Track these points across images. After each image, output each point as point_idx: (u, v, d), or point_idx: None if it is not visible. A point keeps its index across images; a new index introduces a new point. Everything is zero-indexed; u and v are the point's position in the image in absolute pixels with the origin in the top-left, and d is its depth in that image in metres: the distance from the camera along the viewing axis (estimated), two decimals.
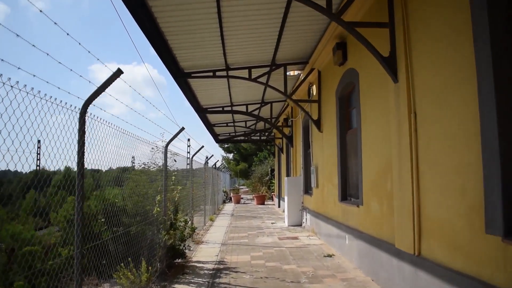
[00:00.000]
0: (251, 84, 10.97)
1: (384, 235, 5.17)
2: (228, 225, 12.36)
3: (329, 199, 8.17)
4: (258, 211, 17.28)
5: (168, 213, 6.07)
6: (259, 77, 8.84)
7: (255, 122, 16.75)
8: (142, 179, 6.34)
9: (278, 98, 13.23)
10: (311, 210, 10.13)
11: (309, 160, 10.85)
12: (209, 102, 12.62)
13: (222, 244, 8.64)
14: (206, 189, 15.34)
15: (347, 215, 6.85)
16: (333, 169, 7.90)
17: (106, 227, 5.84)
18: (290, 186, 11.59)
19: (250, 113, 12.73)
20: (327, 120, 8.50)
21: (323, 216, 8.67)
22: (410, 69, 4.39)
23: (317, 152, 9.42)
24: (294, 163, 12.89)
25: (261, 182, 24.28)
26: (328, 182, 8.35)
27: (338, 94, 7.49)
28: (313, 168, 9.69)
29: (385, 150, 5.15)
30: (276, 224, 12.20)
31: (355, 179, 6.87)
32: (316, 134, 9.41)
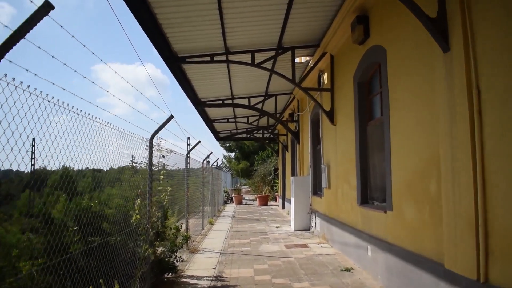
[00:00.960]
0: (254, 73, 9.88)
1: (425, 250, 4.05)
2: (228, 229, 11.25)
3: (345, 202, 7.06)
4: (261, 213, 16.17)
5: (153, 220, 4.97)
6: (263, 62, 7.72)
7: (258, 117, 15.62)
8: (127, 179, 5.26)
9: (283, 90, 12.12)
10: (321, 213, 9.01)
11: (319, 157, 9.72)
12: (208, 94, 11.51)
13: (221, 253, 7.53)
14: (205, 190, 14.25)
15: (369, 221, 5.73)
16: (349, 167, 6.79)
17: (80, 237, 4.77)
18: (297, 187, 10.48)
19: (253, 106, 11.61)
20: (341, 111, 7.38)
21: (336, 221, 7.56)
22: (470, 31, 3.27)
23: (329, 148, 8.30)
24: (301, 161, 11.78)
25: (264, 182, 23.16)
26: (343, 182, 7.23)
27: (357, 78, 6.37)
28: (324, 166, 8.57)
29: (427, 141, 4.03)
30: (281, 228, 11.09)
31: (379, 179, 5.75)
32: (328, 128, 8.29)
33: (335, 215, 7.72)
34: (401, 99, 4.70)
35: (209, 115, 14.49)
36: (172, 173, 9.68)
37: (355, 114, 6.47)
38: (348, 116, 6.91)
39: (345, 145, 7.09)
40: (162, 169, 5.72)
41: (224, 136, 20.71)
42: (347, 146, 6.94)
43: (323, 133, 8.85)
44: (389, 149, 5.02)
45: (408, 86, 4.50)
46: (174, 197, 9.30)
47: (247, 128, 18.80)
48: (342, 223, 7.18)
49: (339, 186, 7.47)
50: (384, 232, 5.15)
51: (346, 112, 7.02)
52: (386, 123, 5.13)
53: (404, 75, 4.60)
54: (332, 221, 7.88)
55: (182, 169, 11.81)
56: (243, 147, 37.71)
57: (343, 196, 7.21)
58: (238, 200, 22.47)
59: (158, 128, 5.01)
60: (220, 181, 20.31)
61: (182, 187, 12.96)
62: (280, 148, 18.83)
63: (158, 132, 5.00)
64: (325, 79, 8.47)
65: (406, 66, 4.55)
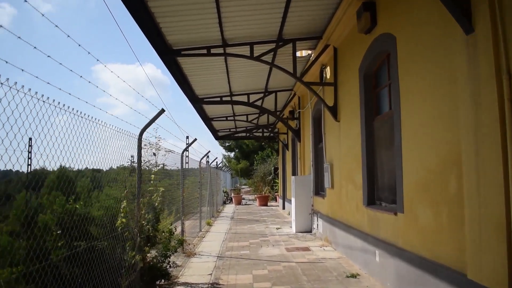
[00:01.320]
0: (253, 68, 9.47)
1: (443, 257, 3.63)
2: (227, 230, 10.84)
3: (350, 202, 6.64)
4: (261, 214, 15.76)
5: (142, 223, 4.55)
6: (263, 55, 7.30)
7: (258, 115, 15.20)
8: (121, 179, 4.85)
9: (284, 86, 11.70)
10: (323, 214, 8.60)
11: (321, 156, 9.31)
12: (205, 90, 11.09)
13: (218, 257, 7.11)
14: (203, 190, 13.84)
15: (377, 224, 5.31)
16: (354, 165, 6.37)
17: (64, 242, 4.36)
18: (298, 187, 10.07)
19: (252, 103, 11.17)
20: (346, 106, 6.96)
21: (340, 223, 7.14)
22: (499, 7, 2.85)
23: (332, 146, 7.89)
24: (302, 160, 11.36)
25: (263, 181, 22.74)
26: (347, 182, 6.81)
27: (363, 71, 5.95)
28: (326, 165, 8.16)
29: (445, 135, 3.61)
30: (281, 229, 10.67)
31: (388, 178, 5.34)
32: (331, 124, 7.87)
33: (339, 216, 7.30)
34: (413, 90, 4.28)
35: (207, 112, 14.07)
36: (170, 172, 9.33)
37: (360, 109, 6.06)
38: (353, 111, 6.50)
39: (350, 142, 6.67)
40: (154, 168, 5.30)
41: (223, 135, 20.27)
42: (352, 143, 6.53)
43: (326, 130, 8.43)
44: (399, 145, 4.60)
45: (422, 75, 4.08)
46: (172, 197, 8.95)
47: (247, 127, 18.39)
48: (346, 225, 6.76)
49: (343, 186, 7.06)
50: (394, 236, 4.74)
51: (351, 107, 6.61)
52: (396, 117, 4.71)
53: (417, 63, 4.18)
54: (336, 223, 7.47)
55: (186, 169, 11.45)
56: (243, 146, 37.31)
57: (347, 196, 6.79)
58: (237, 201, 22.06)
59: (148, 122, 4.59)
60: (219, 181, 19.90)
61: (180, 187, 12.57)
62: (280, 147, 18.42)
63: (148, 127, 4.58)
64: (328, 73, 8.05)
65: (419, 53, 4.13)
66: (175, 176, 12.11)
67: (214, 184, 17.04)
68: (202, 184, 14.18)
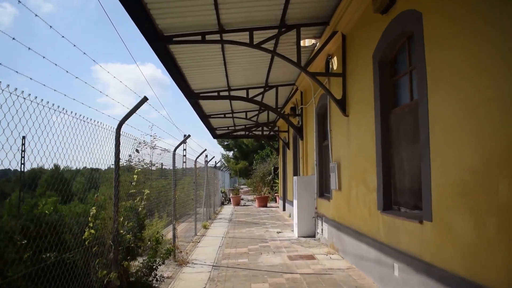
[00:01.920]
0: (253, 59, 8.75)
1: (487, 277, 2.92)
2: (224, 234, 10.11)
3: (361, 206, 5.92)
4: (260, 215, 15.03)
5: (121, 233, 3.83)
6: (263, 42, 6.58)
7: (257, 112, 14.49)
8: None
9: (285, 81, 10.98)
10: (329, 219, 7.88)
11: (326, 154, 8.59)
12: (202, 85, 10.36)
13: (213, 267, 6.39)
14: (199, 190, 13.11)
15: (395, 232, 4.59)
16: (367, 165, 5.65)
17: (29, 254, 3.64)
18: (301, 188, 9.35)
19: (252, 99, 10.47)
20: (356, 99, 6.24)
21: (349, 229, 6.43)
22: None
23: (340, 144, 7.17)
24: (305, 159, 10.64)
25: (263, 182, 22.01)
26: (358, 183, 6.09)
27: (378, 57, 5.23)
28: (332, 164, 7.44)
29: (493, 126, 2.89)
30: (283, 234, 9.95)
31: (409, 179, 4.62)
32: (339, 120, 7.15)
33: (348, 221, 6.58)
34: (446, 75, 3.56)
35: (204, 109, 13.34)
36: (168, 173, 8.63)
37: (375, 101, 5.33)
38: (365, 104, 5.78)
39: (361, 138, 5.95)
40: (138, 168, 4.57)
41: (222, 134, 19.53)
42: (364, 140, 5.81)
43: (332, 126, 7.71)
44: (426, 141, 3.88)
45: (459, 54, 3.36)
46: (167, 199, 8.27)
47: (246, 125, 17.66)
48: (356, 232, 6.04)
49: (353, 188, 6.34)
50: (419, 248, 4.02)
51: (363, 99, 5.89)
52: (422, 108, 3.99)
53: (453, 39, 3.45)
54: (344, 229, 6.75)
55: (179, 168, 10.73)
56: (242, 146, 36.58)
57: (358, 199, 6.08)
58: (236, 201, 21.34)
59: (128, 113, 3.87)
60: (217, 181, 19.17)
61: (181, 188, 11.83)
62: (281, 146, 17.70)
63: (128, 117, 3.86)
64: (335, 64, 7.33)
65: (456, 28, 3.41)
66: (170, 176, 11.40)
67: (211, 184, 16.32)
68: (199, 184, 13.47)
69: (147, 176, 8.51)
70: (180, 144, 6.99)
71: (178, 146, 6.99)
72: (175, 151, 7.01)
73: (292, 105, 12.62)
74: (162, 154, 8.59)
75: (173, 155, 6.99)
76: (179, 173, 10.21)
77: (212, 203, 16.34)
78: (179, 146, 6.99)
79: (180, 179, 11.86)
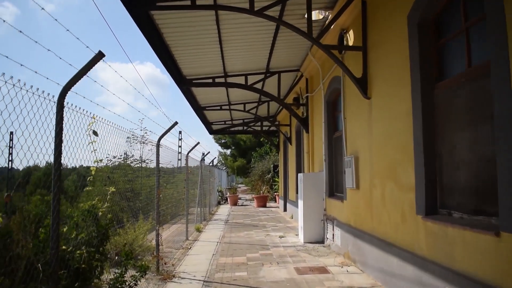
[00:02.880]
0: (253, 38, 7.56)
1: None
2: (219, 239, 8.90)
3: (389, 209, 4.73)
4: (260, 217, 13.83)
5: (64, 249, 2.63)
6: (267, 8, 5.37)
7: (257, 104, 13.26)
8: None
9: (289, 66, 9.78)
10: (342, 223, 6.69)
11: (338, 147, 7.41)
12: (195, 70, 9.15)
13: (204, 283, 5.18)
14: (192, 189, 11.91)
15: (448, 246, 3.40)
16: (399, 157, 4.47)
17: None
18: (307, 186, 8.15)
19: (251, 86, 9.28)
20: (382, 75, 5.04)
21: (371, 237, 5.24)
22: None
23: (358, 133, 5.98)
24: (310, 154, 9.44)
25: (262, 180, 20.80)
26: (385, 180, 4.90)
27: (416, 17, 4.03)
28: (348, 158, 6.25)
29: None
30: (286, 238, 8.75)
31: (468, 174, 3.41)
32: (357, 105, 5.96)
33: (369, 227, 5.39)
34: None
35: (198, 99, 12.11)
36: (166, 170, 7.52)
37: (412, 75, 4.14)
38: (396, 80, 4.59)
39: (390, 124, 4.76)
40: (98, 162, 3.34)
41: (218, 129, 18.30)
42: (394, 126, 4.62)
43: (347, 113, 6.51)
44: (508, 118, 2.69)
45: None
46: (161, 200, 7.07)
47: (244, 119, 16.47)
48: (382, 241, 4.86)
49: (377, 186, 5.14)
50: (491, 270, 2.83)
51: (392, 76, 4.70)
52: (499, 71, 2.80)
53: None
54: (364, 236, 5.56)
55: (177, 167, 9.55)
56: (240, 143, 35.38)
57: (384, 200, 4.89)
58: (233, 201, 20.13)
59: (78, 73, 2.66)
60: (213, 179, 17.96)
61: (175, 186, 10.64)
62: (281, 141, 16.50)
63: (76, 81, 2.65)
64: (351, 38, 6.15)
65: None
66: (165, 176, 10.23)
67: (207, 182, 15.11)
68: (194, 182, 12.27)
69: (128, 172, 7.31)
70: (165, 132, 5.77)
71: (163, 135, 5.78)
72: (159, 141, 5.80)
73: (296, 95, 11.44)
74: (152, 149, 7.49)
75: (156, 146, 5.78)
76: (167, 170, 9.00)
77: (207, 203, 15.13)
78: (164, 136, 5.77)
79: (170, 177, 10.66)
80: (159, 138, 5.80)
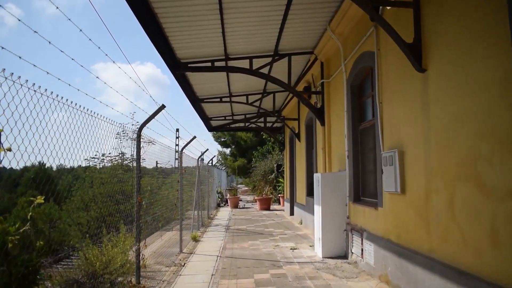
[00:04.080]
0: (259, 9, 6.14)
1: None
2: (219, 251, 7.47)
3: (462, 223, 3.30)
4: (265, 222, 12.39)
5: None
6: None
7: (261, 96, 11.82)
8: None
9: (301, 48, 8.35)
10: (377, 236, 5.27)
11: (368, 140, 6.00)
12: (190, 51, 7.72)
13: None
14: (190, 191, 10.50)
15: None
16: (485, 148, 3.04)
17: None
18: (326, 189, 6.73)
19: (256, 70, 7.87)
20: (451, 34, 3.61)
21: (428, 260, 3.81)
22: None
23: (404, 119, 4.55)
24: (327, 150, 8.01)
25: (265, 180, 19.35)
26: (455, 182, 3.46)
27: None
28: (388, 154, 4.83)
29: None
30: (299, 251, 7.32)
31: None
32: (402, 83, 4.53)
33: (424, 246, 3.97)
34: None
35: (195, 89, 10.67)
36: None
37: None
38: (476, 38, 3.16)
39: (464, 103, 3.33)
40: None
41: (218, 126, 16.87)
42: (473, 104, 3.19)
43: (385, 95, 5.08)
44: None
45: None
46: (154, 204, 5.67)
47: (246, 114, 15.07)
48: (450, 268, 3.43)
49: (439, 190, 3.72)
50: None
51: (467, 31, 3.27)
52: None
53: None
54: (414, 257, 4.13)
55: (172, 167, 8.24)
56: (240, 142, 33.97)
57: (452, 210, 3.46)
58: (234, 203, 18.70)
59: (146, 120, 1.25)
60: (212, 180, 16.53)
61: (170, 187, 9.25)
62: (287, 138, 15.08)
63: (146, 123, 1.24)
64: None
65: None
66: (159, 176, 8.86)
67: (205, 183, 13.69)
68: (191, 183, 10.85)
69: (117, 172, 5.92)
70: (149, 118, 4.33)
71: (146, 122, 4.34)
72: (140, 130, 4.36)
73: (306, 84, 10.02)
74: (146, 147, 6.14)
75: (137, 137, 4.34)
76: (157, 169, 7.59)
77: (206, 206, 13.71)
78: (148, 123, 4.34)
79: (164, 177, 9.24)
80: (141, 126, 4.37)
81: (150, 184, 7.78)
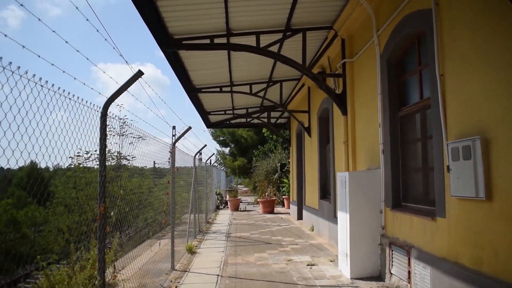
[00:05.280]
0: None
1: None
2: (220, 269, 6.08)
3: None
4: (270, 228, 10.99)
5: None
6: None
7: (266, 86, 10.42)
8: None
9: (318, 22, 6.96)
10: (437, 257, 3.88)
11: (412, 129, 4.62)
12: (185, 24, 6.34)
13: None
14: (184, 193, 9.12)
15: None
16: None
17: None
18: (355, 192, 5.34)
19: (264, 49, 6.51)
20: None
21: None
22: None
23: (491, 92, 3.17)
24: (350, 144, 6.61)
25: (268, 181, 17.95)
26: None
27: None
28: (463, 144, 3.45)
29: None
30: (318, 267, 5.93)
31: None
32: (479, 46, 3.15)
33: None
34: None
35: (191, 77, 9.27)
36: None
37: None
38: None
39: None
40: None
41: (217, 121, 15.45)
42: None
43: (448, 66, 3.70)
44: None
45: None
46: None
47: (248, 108, 13.69)
48: None
49: None
50: None
51: None
52: None
53: None
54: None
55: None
56: (240, 140, 32.53)
57: None
58: (234, 206, 17.30)
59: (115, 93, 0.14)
60: (210, 180, 15.13)
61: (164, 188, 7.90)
62: (294, 134, 13.68)
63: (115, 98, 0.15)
64: None
65: None
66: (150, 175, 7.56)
67: (203, 184, 12.29)
68: (188, 184, 9.47)
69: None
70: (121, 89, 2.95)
71: (116, 95, 2.95)
72: (107, 107, 2.96)
73: (321, 70, 8.65)
74: (135, 143, 4.89)
75: (101, 117, 2.94)
76: (145, 169, 6.18)
77: (204, 209, 12.32)
78: (119, 95, 2.95)
79: (156, 177, 7.85)
80: (108, 101, 2.97)
81: (136, 186, 6.38)
